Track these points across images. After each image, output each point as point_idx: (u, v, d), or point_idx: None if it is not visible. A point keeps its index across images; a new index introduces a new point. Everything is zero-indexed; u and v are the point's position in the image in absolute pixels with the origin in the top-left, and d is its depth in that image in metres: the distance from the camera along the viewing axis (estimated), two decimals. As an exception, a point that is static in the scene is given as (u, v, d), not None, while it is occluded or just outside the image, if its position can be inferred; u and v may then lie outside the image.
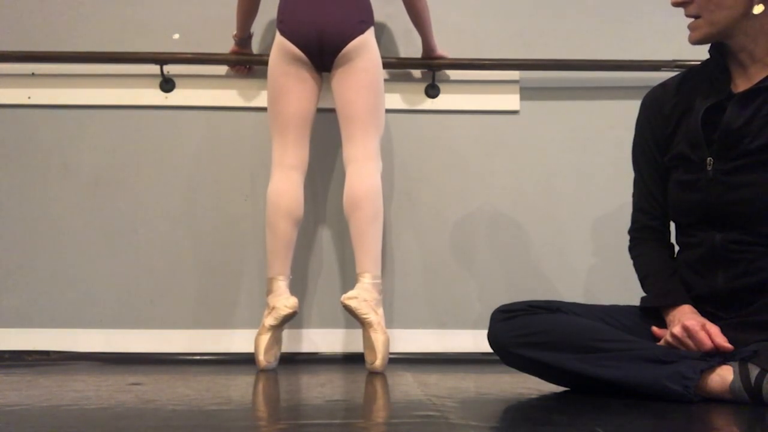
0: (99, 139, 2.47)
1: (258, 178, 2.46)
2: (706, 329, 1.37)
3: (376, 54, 2.19)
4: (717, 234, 1.43)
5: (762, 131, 1.37)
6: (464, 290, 2.45)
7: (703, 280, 1.47)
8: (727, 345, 1.35)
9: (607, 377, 1.38)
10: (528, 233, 2.48)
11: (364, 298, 1.99)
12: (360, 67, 2.14)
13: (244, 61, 2.43)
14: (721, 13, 1.38)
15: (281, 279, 2.12)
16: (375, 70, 2.17)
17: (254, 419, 1.19)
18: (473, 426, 1.08)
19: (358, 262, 2.09)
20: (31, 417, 1.20)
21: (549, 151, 2.52)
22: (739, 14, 1.38)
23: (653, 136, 1.56)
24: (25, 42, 2.46)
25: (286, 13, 2.17)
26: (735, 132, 1.39)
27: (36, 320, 2.39)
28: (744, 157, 1.38)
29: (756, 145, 1.37)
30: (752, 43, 1.41)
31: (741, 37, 1.41)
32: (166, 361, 2.31)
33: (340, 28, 2.12)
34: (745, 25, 1.39)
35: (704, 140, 1.43)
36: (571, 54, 2.49)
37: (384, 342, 1.97)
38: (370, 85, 2.15)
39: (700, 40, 1.43)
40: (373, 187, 2.11)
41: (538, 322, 1.50)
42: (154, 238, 2.44)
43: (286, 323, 2.09)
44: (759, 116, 1.38)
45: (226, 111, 2.49)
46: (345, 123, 2.17)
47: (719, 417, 1.20)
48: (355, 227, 2.10)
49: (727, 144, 1.40)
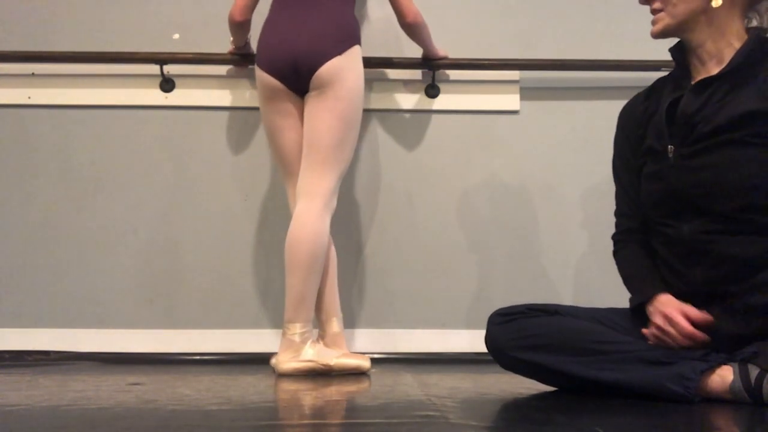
0: (99, 139, 2.47)
1: (258, 178, 2.46)
2: (685, 312, 1.39)
3: (355, 79, 2.06)
4: (685, 225, 1.44)
5: (714, 115, 1.41)
6: (464, 290, 2.45)
7: (683, 279, 1.47)
8: (707, 317, 1.37)
9: (607, 380, 1.38)
10: (528, 233, 2.48)
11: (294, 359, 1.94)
12: (332, 95, 2.02)
13: (243, 61, 2.42)
14: (683, 6, 1.44)
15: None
16: (349, 99, 2.04)
17: (254, 419, 1.19)
18: (473, 426, 1.08)
19: (285, 308, 1.99)
20: (31, 417, 1.20)
21: (549, 151, 2.52)
22: (698, 8, 1.44)
23: (629, 143, 1.61)
24: (25, 42, 2.46)
25: (261, 44, 2.12)
26: (690, 118, 1.44)
27: (36, 320, 2.39)
28: (699, 141, 1.42)
29: (709, 128, 1.41)
30: (709, 39, 1.46)
31: (699, 31, 1.46)
32: (166, 361, 2.31)
33: (315, 48, 2.03)
34: (703, 19, 1.45)
35: (667, 131, 1.48)
36: (571, 54, 2.49)
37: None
38: (341, 115, 2.03)
39: (662, 31, 1.49)
40: (310, 235, 1.96)
41: (536, 325, 1.50)
42: (154, 238, 2.44)
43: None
44: (711, 102, 1.43)
45: (226, 111, 2.49)
46: (307, 151, 2.05)
47: (719, 417, 1.20)
48: (286, 271, 2.00)
49: (684, 130, 1.45)
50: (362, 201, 2.48)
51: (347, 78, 2.04)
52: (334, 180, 2.04)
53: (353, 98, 2.06)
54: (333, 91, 2.03)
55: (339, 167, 2.05)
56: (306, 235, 1.97)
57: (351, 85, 2.05)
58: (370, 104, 2.49)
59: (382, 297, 2.44)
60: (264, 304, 2.40)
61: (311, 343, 1.96)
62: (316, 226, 1.98)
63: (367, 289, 2.44)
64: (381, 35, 2.50)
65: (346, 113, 2.04)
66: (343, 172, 2.08)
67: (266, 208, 2.45)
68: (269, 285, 2.42)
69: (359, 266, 2.45)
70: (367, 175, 2.49)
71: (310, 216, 1.99)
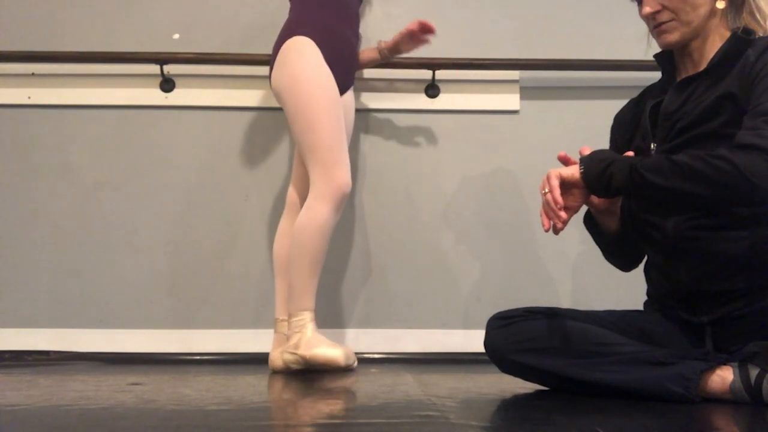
0: (99, 139, 2.47)
1: (258, 178, 2.46)
2: (561, 175, 1.45)
3: (292, 68, 2.01)
4: (669, 223, 1.45)
5: (693, 111, 1.43)
6: (464, 290, 2.45)
7: (670, 279, 1.48)
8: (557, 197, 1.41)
9: (607, 381, 1.39)
10: (528, 233, 2.48)
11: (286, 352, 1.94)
12: (280, 99, 2.06)
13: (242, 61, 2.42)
14: (696, 12, 1.45)
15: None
16: (290, 91, 2.01)
17: (254, 419, 1.19)
18: (473, 426, 1.08)
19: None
20: (31, 417, 1.20)
21: (549, 151, 2.50)
22: (708, 12, 1.45)
23: (618, 149, 1.63)
24: (25, 42, 2.46)
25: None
26: (671, 115, 1.47)
27: (36, 320, 2.39)
28: (679, 136, 1.44)
29: (687, 121, 1.43)
30: (705, 42, 1.48)
31: (701, 35, 1.47)
32: (166, 361, 2.31)
33: (274, 53, 2.08)
34: (708, 23, 1.46)
35: (651, 129, 1.51)
36: (571, 54, 2.49)
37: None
38: (291, 112, 2.02)
39: (679, 41, 1.48)
40: (299, 225, 1.97)
41: (536, 328, 1.50)
42: (154, 238, 2.44)
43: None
44: (691, 99, 1.45)
45: (226, 111, 2.49)
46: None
47: (719, 417, 1.20)
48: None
49: (665, 127, 1.48)
50: (362, 201, 2.48)
51: (283, 69, 2.03)
52: (317, 173, 1.97)
53: (293, 86, 2.01)
54: (283, 105, 2.05)
55: (314, 156, 1.97)
56: (295, 227, 1.99)
57: (285, 75, 2.02)
58: (370, 104, 2.49)
59: (382, 297, 2.44)
60: (264, 304, 2.40)
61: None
62: (304, 219, 1.96)
63: (367, 289, 2.44)
64: (381, 35, 2.50)
65: (293, 106, 2.00)
66: (327, 155, 1.97)
67: (266, 208, 2.45)
68: (269, 285, 2.42)
69: (359, 266, 2.45)
70: (367, 175, 2.49)
71: (303, 209, 1.99)
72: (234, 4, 2.52)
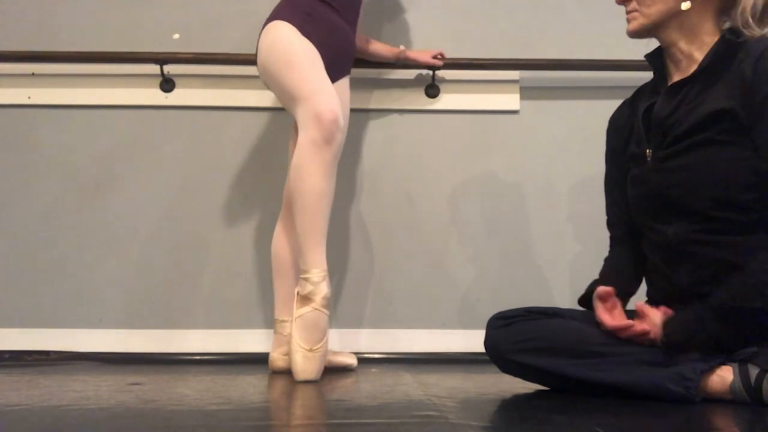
0: (99, 139, 2.47)
1: (258, 178, 2.46)
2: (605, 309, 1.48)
3: (269, 43, 1.99)
4: (669, 228, 1.45)
5: (687, 116, 1.43)
6: (464, 290, 2.45)
7: (670, 282, 1.48)
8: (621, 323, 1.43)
9: (608, 381, 1.39)
10: (528, 233, 2.48)
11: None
12: (265, 77, 2.04)
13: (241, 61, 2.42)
14: (656, 6, 1.48)
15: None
16: (267, 60, 1.98)
17: (253, 419, 1.19)
18: (473, 426, 1.08)
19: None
20: (31, 417, 1.20)
21: (549, 150, 2.52)
22: (671, 9, 1.47)
23: (614, 154, 1.66)
24: (25, 42, 2.46)
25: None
26: (663, 121, 1.47)
27: (36, 320, 2.39)
28: (674, 143, 1.44)
29: (682, 129, 1.43)
30: (681, 39, 1.49)
31: (672, 32, 1.49)
32: (166, 361, 2.31)
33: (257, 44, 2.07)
34: (677, 20, 1.47)
35: (644, 134, 1.51)
36: (570, 54, 2.49)
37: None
38: (273, 77, 1.97)
39: (637, 30, 1.52)
40: (291, 168, 1.90)
41: (536, 328, 1.50)
42: (154, 238, 2.44)
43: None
44: (683, 105, 1.45)
45: (226, 111, 2.49)
46: None
47: (719, 417, 1.20)
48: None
49: (658, 133, 1.48)
50: (362, 201, 2.48)
51: (262, 60, 2.01)
52: (301, 114, 1.87)
53: (270, 56, 1.98)
54: (267, 80, 2.02)
55: (298, 94, 1.89)
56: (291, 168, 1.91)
57: (264, 56, 2.00)
58: (370, 104, 2.49)
59: (382, 297, 2.44)
60: (264, 304, 2.40)
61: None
62: (296, 159, 1.86)
63: (367, 289, 2.44)
64: (381, 35, 2.50)
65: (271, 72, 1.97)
66: (305, 86, 1.89)
67: (266, 208, 2.45)
68: (269, 285, 2.41)
69: (359, 266, 2.45)
70: (367, 175, 2.49)
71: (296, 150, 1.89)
72: (234, 4, 2.52)
